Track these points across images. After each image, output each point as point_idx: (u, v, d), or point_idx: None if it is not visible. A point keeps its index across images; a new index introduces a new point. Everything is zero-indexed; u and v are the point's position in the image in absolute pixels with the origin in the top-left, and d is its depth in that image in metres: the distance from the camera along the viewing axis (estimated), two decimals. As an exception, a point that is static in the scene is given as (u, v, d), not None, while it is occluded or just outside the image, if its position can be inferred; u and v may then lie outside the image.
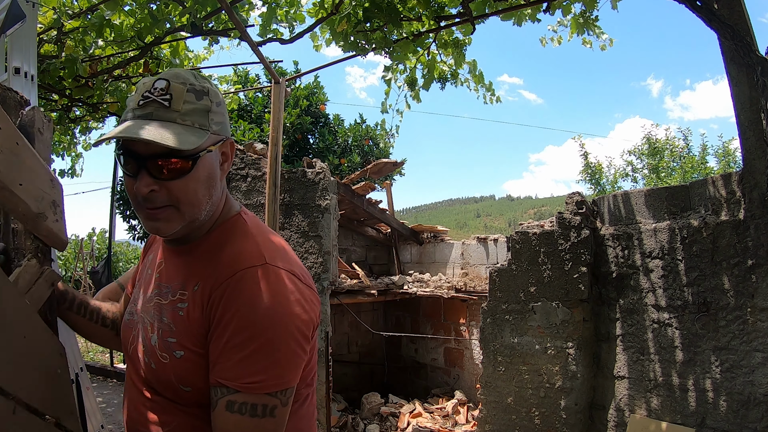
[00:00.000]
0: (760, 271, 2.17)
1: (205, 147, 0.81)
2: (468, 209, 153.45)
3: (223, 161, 0.89)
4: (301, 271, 0.87)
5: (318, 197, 3.94)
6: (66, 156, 5.91)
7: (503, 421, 2.94)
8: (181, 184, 0.80)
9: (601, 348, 2.81)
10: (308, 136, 8.64)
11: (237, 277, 0.79)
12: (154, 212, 0.81)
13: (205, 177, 0.83)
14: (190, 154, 0.79)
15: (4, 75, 1.99)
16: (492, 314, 3.06)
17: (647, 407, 2.52)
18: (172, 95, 0.79)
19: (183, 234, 0.87)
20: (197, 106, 0.81)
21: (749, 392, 2.17)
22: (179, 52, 3.77)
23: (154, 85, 0.80)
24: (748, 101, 2.19)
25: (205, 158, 0.82)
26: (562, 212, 2.90)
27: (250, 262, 0.81)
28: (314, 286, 0.90)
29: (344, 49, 3.03)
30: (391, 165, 5.89)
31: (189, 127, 0.80)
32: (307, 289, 0.85)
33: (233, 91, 5.40)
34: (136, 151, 0.78)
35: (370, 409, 4.42)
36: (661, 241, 2.53)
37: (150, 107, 0.79)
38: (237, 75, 8.41)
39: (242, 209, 0.96)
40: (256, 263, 0.81)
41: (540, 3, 2.87)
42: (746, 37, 2.06)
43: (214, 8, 2.80)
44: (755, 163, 2.19)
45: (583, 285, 2.74)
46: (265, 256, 0.82)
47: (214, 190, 0.85)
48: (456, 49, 3.32)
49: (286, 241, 1.05)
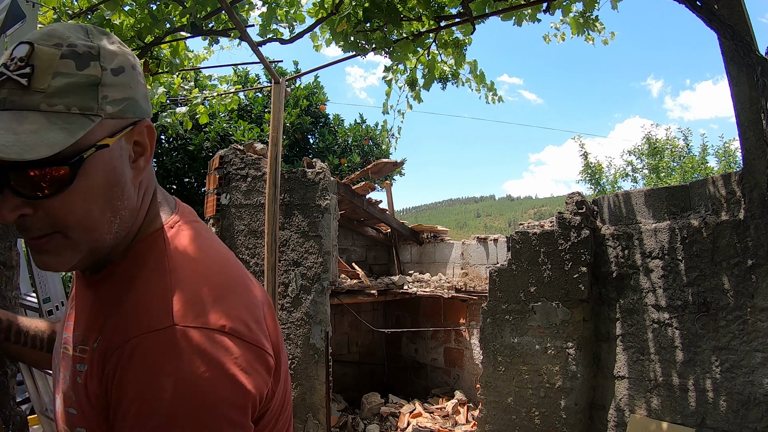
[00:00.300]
0: (760, 271, 2.17)
1: (92, 142, 0.54)
2: (468, 209, 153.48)
3: (136, 156, 0.61)
4: (238, 322, 0.58)
5: (318, 197, 3.94)
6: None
7: (503, 421, 2.94)
8: (60, 202, 0.53)
9: (601, 348, 2.81)
10: (308, 136, 8.64)
11: (130, 346, 0.54)
12: (36, 243, 0.56)
13: (100, 185, 0.56)
14: (67, 157, 0.52)
15: (4, 75, 1.99)
16: (492, 314, 3.06)
17: (647, 407, 2.52)
18: (35, 67, 0.51)
19: (91, 263, 0.62)
20: (75, 79, 0.53)
21: (749, 392, 2.17)
22: (179, 52, 3.77)
23: (12, 54, 0.53)
24: (748, 101, 2.19)
25: (95, 159, 0.55)
26: (562, 212, 2.90)
27: (148, 324, 0.54)
28: (264, 335, 0.62)
29: (344, 49, 3.03)
30: (391, 165, 5.89)
31: (59, 115, 0.51)
32: (249, 347, 0.57)
33: (233, 91, 5.40)
34: None
35: (370, 409, 4.42)
36: (661, 241, 2.53)
37: (3, 90, 0.51)
38: (237, 75, 8.41)
39: (172, 219, 0.67)
40: (157, 326, 0.54)
41: (540, 3, 2.88)
42: (746, 37, 2.06)
43: (214, 8, 2.80)
44: (755, 163, 2.19)
45: (583, 285, 2.74)
46: (174, 312, 0.55)
47: (122, 201, 0.59)
48: (456, 49, 3.33)
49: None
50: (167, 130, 5.12)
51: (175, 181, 8.11)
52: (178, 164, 7.72)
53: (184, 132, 5.70)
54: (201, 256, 0.64)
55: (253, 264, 4.03)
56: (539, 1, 2.86)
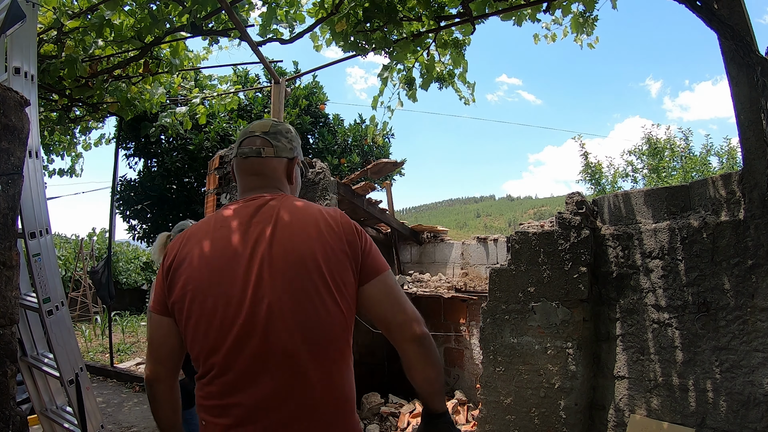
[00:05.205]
0: (760, 271, 2.17)
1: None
2: (468, 209, 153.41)
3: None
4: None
5: (318, 197, 3.94)
6: (66, 156, 5.91)
7: (503, 421, 2.94)
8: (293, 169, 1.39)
9: (601, 348, 2.81)
10: (308, 136, 8.64)
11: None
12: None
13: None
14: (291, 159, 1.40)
15: (4, 75, 1.99)
16: (492, 314, 3.06)
17: (647, 407, 2.52)
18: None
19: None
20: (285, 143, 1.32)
21: (749, 392, 2.17)
22: (179, 52, 3.77)
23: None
24: (748, 101, 2.19)
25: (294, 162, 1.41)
26: (562, 212, 2.90)
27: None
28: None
29: (344, 49, 3.03)
30: (391, 165, 5.89)
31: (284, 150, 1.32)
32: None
33: (233, 92, 5.40)
34: None
35: (370, 409, 4.42)
36: (661, 241, 2.53)
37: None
38: (237, 75, 8.42)
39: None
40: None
41: (540, 3, 2.88)
42: (746, 37, 2.06)
43: (214, 8, 2.80)
44: (755, 163, 2.19)
45: (583, 285, 2.74)
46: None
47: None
48: (455, 49, 3.33)
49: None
50: (167, 130, 5.12)
51: (175, 181, 8.11)
52: (178, 164, 7.72)
53: (184, 132, 5.70)
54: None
55: (253, 264, 4.03)
56: (539, 1, 2.86)
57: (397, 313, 1.06)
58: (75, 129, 5.44)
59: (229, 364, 0.99)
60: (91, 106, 4.62)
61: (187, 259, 1.07)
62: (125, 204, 8.16)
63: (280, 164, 1.25)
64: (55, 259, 2.01)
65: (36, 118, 2.02)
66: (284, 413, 0.97)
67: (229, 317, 0.99)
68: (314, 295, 1.00)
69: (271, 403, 0.97)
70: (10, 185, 1.44)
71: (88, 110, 4.86)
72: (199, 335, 1.02)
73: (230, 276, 1.02)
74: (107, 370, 6.00)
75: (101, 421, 2.11)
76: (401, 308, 1.07)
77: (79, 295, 10.35)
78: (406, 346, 1.05)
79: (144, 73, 4.09)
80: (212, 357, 1.00)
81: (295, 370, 0.98)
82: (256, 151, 1.22)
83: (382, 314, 1.07)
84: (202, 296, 1.02)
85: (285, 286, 1.00)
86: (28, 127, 1.54)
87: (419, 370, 1.06)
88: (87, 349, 7.18)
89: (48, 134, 5.33)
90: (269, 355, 0.98)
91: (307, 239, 1.05)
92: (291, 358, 0.98)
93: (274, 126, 1.27)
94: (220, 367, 1.00)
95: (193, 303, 1.03)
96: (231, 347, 0.99)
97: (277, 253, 1.03)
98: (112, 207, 6.26)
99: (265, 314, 0.98)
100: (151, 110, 4.68)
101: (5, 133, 1.42)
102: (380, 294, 1.08)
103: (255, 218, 1.09)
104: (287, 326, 0.98)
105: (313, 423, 0.99)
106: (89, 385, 2.06)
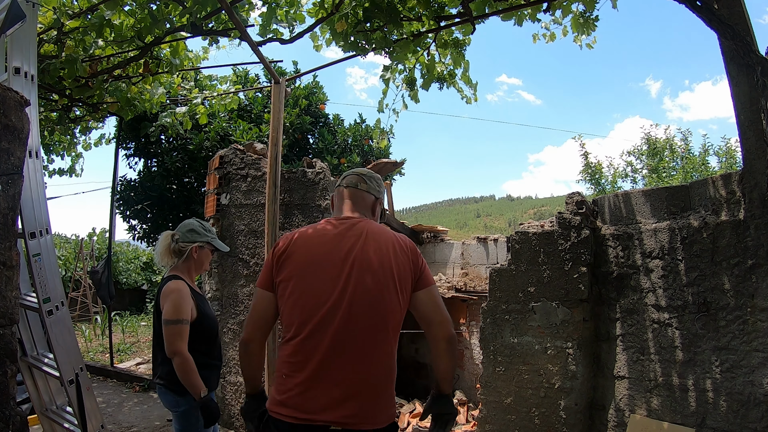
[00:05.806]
0: (760, 271, 2.17)
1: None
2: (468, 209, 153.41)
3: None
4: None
5: (318, 197, 3.94)
6: (66, 156, 5.91)
7: (503, 421, 2.94)
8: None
9: (601, 348, 2.81)
10: (308, 136, 8.64)
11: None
12: None
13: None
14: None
15: (4, 75, 1.99)
16: (492, 314, 3.06)
17: (647, 407, 2.52)
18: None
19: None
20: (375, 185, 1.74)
21: (749, 392, 2.17)
22: (179, 52, 3.77)
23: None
24: (748, 101, 2.19)
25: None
26: (562, 212, 2.90)
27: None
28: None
29: (344, 49, 3.03)
30: (391, 165, 5.89)
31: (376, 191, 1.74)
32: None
33: (233, 92, 5.40)
34: None
35: (370, 409, 4.42)
36: (661, 241, 2.53)
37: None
38: (237, 75, 8.41)
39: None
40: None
41: (540, 3, 2.88)
42: (746, 37, 2.06)
43: (214, 8, 2.80)
44: (755, 163, 2.19)
45: (583, 285, 2.74)
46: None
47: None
48: (456, 49, 3.33)
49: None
50: (167, 130, 5.12)
51: (175, 181, 8.10)
52: (178, 164, 7.71)
53: (184, 132, 5.70)
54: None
55: (253, 264, 4.03)
56: (539, 1, 2.86)
57: (437, 315, 1.47)
58: (75, 129, 5.44)
59: (317, 330, 1.38)
60: (91, 106, 4.62)
61: (294, 251, 1.48)
62: (125, 204, 8.16)
63: (369, 199, 1.67)
64: (55, 259, 2.01)
65: (36, 118, 2.02)
66: (352, 372, 1.36)
67: (324, 298, 1.39)
68: (385, 291, 1.42)
69: (345, 364, 1.36)
70: (10, 185, 1.44)
71: (88, 110, 4.86)
72: (297, 308, 1.42)
73: (327, 269, 1.43)
74: (107, 370, 6.00)
75: (101, 421, 2.11)
76: (441, 312, 1.48)
77: (79, 295, 10.35)
78: (439, 342, 1.46)
79: (144, 73, 4.09)
80: (306, 325, 1.39)
81: (365, 341, 1.38)
82: (354, 184, 1.66)
83: (427, 314, 1.48)
84: (303, 280, 1.43)
85: (367, 281, 1.40)
86: (28, 127, 1.54)
87: (444, 361, 1.48)
88: (87, 349, 7.18)
89: (48, 134, 5.33)
90: (349, 328, 1.37)
91: (386, 251, 1.46)
92: (364, 331, 1.38)
93: (369, 172, 1.73)
94: (309, 332, 1.38)
95: (296, 284, 1.44)
96: (321, 319, 1.38)
97: (365, 258, 1.43)
98: (112, 207, 6.26)
99: (349, 298, 1.38)
100: (151, 110, 4.68)
101: (5, 133, 1.42)
102: (428, 299, 1.49)
103: (349, 231, 1.50)
104: (364, 309, 1.39)
105: (371, 382, 1.38)
106: (89, 385, 2.06)
